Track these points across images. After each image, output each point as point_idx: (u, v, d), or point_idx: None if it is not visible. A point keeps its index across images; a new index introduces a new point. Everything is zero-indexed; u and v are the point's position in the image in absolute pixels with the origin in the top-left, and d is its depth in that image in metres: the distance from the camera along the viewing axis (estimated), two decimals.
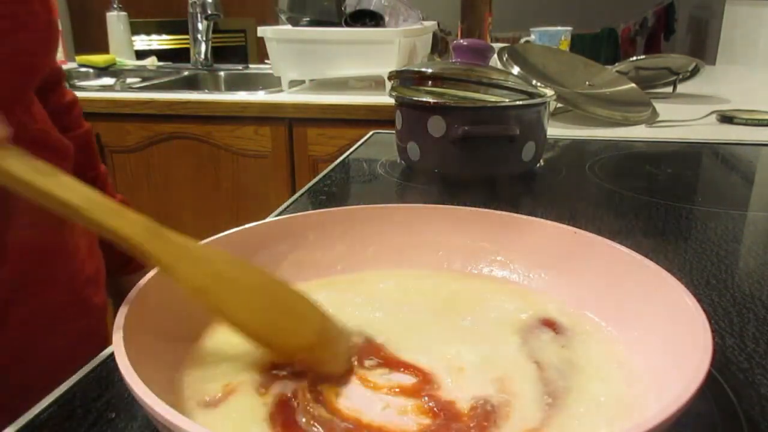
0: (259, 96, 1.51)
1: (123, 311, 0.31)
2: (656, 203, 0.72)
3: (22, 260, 0.54)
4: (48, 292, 0.58)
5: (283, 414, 0.30)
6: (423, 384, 0.33)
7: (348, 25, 1.54)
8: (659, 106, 1.22)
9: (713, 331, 0.30)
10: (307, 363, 0.33)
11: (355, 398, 0.32)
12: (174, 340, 0.35)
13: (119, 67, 1.95)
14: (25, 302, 0.55)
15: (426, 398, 0.32)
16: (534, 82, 0.87)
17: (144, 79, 1.78)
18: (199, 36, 1.91)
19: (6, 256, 0.52)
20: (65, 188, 0.30)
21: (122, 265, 0.75)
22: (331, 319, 0.36)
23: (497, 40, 1.77)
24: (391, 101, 0.82)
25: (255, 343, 0.33)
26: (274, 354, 0.34)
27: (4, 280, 0.52)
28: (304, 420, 0.30)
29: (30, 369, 0.39)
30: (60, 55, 1.70)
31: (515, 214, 0.45)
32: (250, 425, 0.30)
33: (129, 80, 1.75)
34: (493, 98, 0.75)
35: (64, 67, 1.89)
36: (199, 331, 0.38)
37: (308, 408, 0.31)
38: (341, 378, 0.33)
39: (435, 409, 0.31)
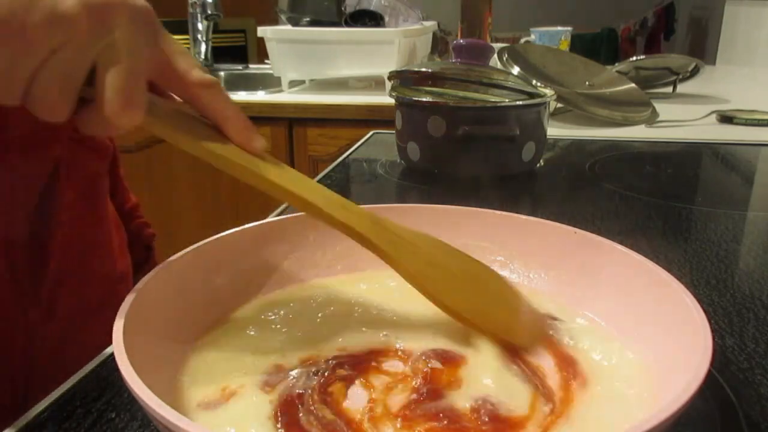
0: (259, 96, 1.51)
1: (123, 311, 0.31)
2: (656, 203, 0.72)
3: (65, 255, 0.55)
4: (87, 287, 0.59)
5: (287, 413, 0.30)
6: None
7: (348, 25, 1.54)
8: (659, 106, 1.22)
9: (713, 331, 0.30)
10: (506, 338, 0.36)
11: (363, 400, 0.32)
12: (174, 340, 0.35)
13: None
14: (69, 296, 0.56)
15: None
16: (534, 82, 0.87)
17: None
18: (199, 36, 1.91)
19: (52, 251, 0.54)
20: (307, 189, 0.35)
21: (139, 265, 0.75)
22: (525, 301, 0.39)
23: (497, 40, 1.77)
24: (391, 101, 0.83)
25: (462, 322, 0.36)
26: (476, 330, 0.36)
27: (51, 274, 0.54)
28: (306, 420, 0.30)
29: (68, 362, 0.41)
30: None
31: (515, 214, 0.45)
32: (253, 423, 0.30)
33: None
34: (493, 98, 0.75)
35: None
36: (199, 331, 0.38)
37: (312, 408, 0.31)
38: (353, 379, 0.33)
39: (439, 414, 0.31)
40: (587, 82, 1.21)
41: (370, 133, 1.08)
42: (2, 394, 0.49)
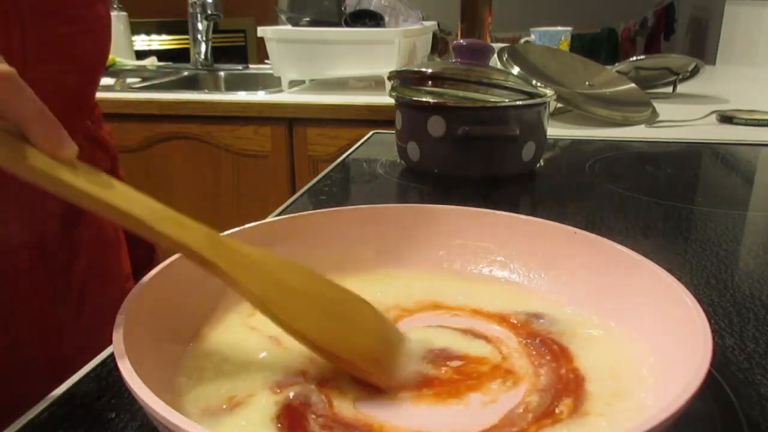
0: (259, 96, 1.51)
1: (123, 311, 0.31)
2: (656, 203, 0.72)
3: (91, 254, 0.56)
4: (108, 285, 0.60)
5: (291, 417, 0.30)
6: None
7: (348, 25, 1.54)
8: (659, 106, 1.22)
9: (713, 331, 0.30)
10: (366, 373, 0.32)
11: (372, 406, 0.31)
12: (174, 340, 0.35)
13: (119, 67, 1.94)
14: (95, 294, 0.57)
15: None
16: (534, 82, 0.87)
17: (144, 79, 1.78)
18: (199, 36, 1.91)
19: (81, 248, 0.55)
20: (127, 199, 0.30)
21: (141, 266, 0.76)
22: (393, 328, 0.35)
23: (497, 40, 1.77)
24: (391, 101, 0.82)
25: (315, 352, 0.32)
26: (337, 364, 0.33)
27: (82, 270, 0.55)
28: (313, 421, 0.30)
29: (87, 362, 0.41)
30: None
31: (515, 214, 0.45)
32: (255, 425, 0.30)
33: (129, 80, 1.75)
34: (493, 98, 0.75)
35: None
36: (199, 331, 0.38)
37: (319, 412, 0.30)
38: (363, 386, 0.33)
39: None
40: (587, 82, 1.21)
41: (370, 133, 1.08)
42: (32, 393, 0.49)
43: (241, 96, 1.51)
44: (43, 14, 0.48)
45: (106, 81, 1.76)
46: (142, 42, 2.90)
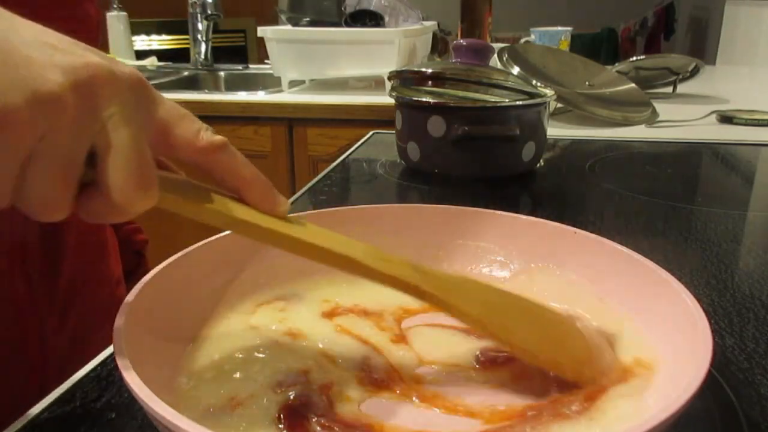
0: (259, 96, 1.51)
1: (123, 311, 0.31)
2: (656, 203, 0.72)
3: (77, 258, 0.56)
4: (95, 290, 0.60)
5: (291, 417, 0.30)
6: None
7: (348, 25, 1.54)
8: (659, 106, 1.22)
9: (713, 331, 0.30)
10: (580, 377, 0.33)
11: (374, 406, 0.32)
12: (174, 340, 0.35)
13: None
14: (81, 299, 0.57)
15: None
16: (534, 82, 0.87)
17: None
18: (199, 36, 1.91)
19: (65, 254, 0.54)
20: (339, 243, 0.32)
21: (129, 272, 0.76)
22: (589, 336, 0.36)
23: (497, 40, 1.77)
24: (391, 101, 0.82)
25: (534, 361, 0.33)
26: (557, 370, 0.33)
27: (65, 278, 0.54)
28: (314, 422, 0.30)
29: (78, 366, 0.41)
30: None
31: (515, 214, 0.45)
32: (256, 425, 0.30)
33: None
34: (493, 98, 0.75)
35: None
36: (200, 331, 0.38)
37: (320, 413, 0.30)
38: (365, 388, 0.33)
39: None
40: (587, 82, 1.21)
41: (370, 133, 1.08)
42: (17, 399, 0.49)
43: (241, 96, 1.51)
44: (31, 13, 0.48)
45: None
46: (142, 42, 2.90)
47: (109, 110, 0.25)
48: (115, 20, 2.07)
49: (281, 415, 0.30)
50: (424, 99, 0.77)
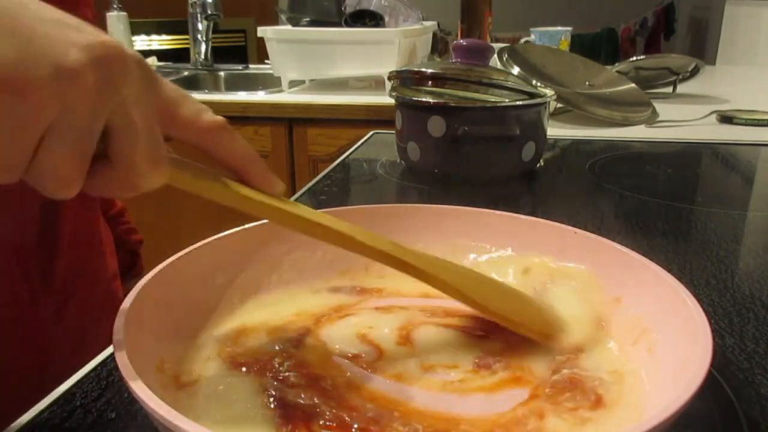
0: (259, 96, 1.51)
1: (123, 311, 0.31)
2: (656, 203, 0.72)
3: (72, 254, 0.56)
4: (92, 286, 0.60)
5: (293, 415, 0.30)
6: None
7: (348, 25, 1.54)
8: (659, 106, 1.22)
9: (713, 331, 0.30)
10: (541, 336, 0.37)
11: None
12: (174, 340, 0.35)
13: None
14: (78, 295, 0.57)
15: None
16: (534, 82, 0.87)
17: None
18: (199, 36, 1.91)
19: (61, 248, 0.55)
20: (327, 219, 0.34)
21: (123, 271, 0.76)
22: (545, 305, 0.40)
23: (497, 40, 1.77)
24: (391, 101, 0.82)
25: (507, 324, 0.37)
26: (521, 330, 0.37)
27: (61, 272, 0.55)
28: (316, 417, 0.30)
29: (77, 362, 0.41)
30: None
31: (515, 214, 0.45)
32: (256, 422, 0.30)
33: None
34: (493, 98, 0.75)
35: None
36: (200, 331, 0.38)
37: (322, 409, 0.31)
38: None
39: None
40: (587, 82, 1.21)
41: (370, 133, 1.08)
42: (19, 392, 0.49)
43: (241, 96, 1.51)
44: None
45: None
46: (142, 42, 2.90)
47: (125, 88, 0.26)
48: (115, 20, 2.06)
49: (281, 413, 0.30)
50: (424, 99, 0.77)
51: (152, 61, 2.05)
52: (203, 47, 1.92)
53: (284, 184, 0.34)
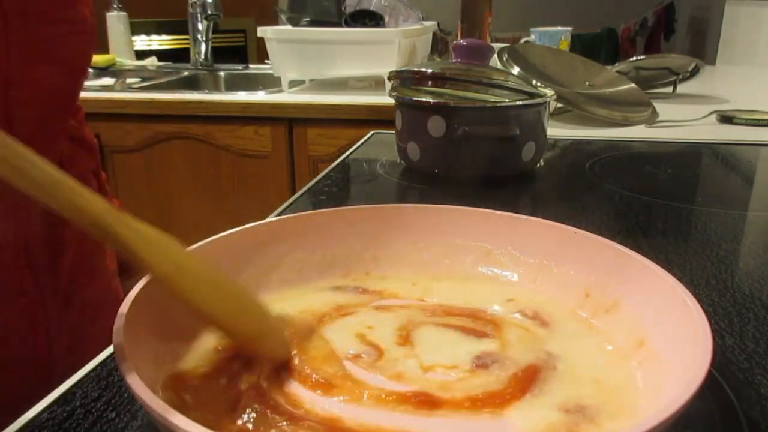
0: (259, 96, 1.51)
1: (123, 311, 0.31)
2: (656, 203, 0.72)
3: (78, 250, 0.57)
4: (94, 282, 0.62)
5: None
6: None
7: (348, 25, 1.54)
8: (659, 106, 1.22)
9: (713, 331, 0.30)
10: (255, 350, 0.35)
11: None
12: (174, 340, 0.35)
13: (119, 67, 1.95)
14: (81, 292, 0.59)
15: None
16: (534, 82, 0.87)
17: (144, 79, 1.78)
18: (199, 36, 1.91)
19: (67, 245, 0.56)
20: (32, 164, 0.28)
21: (124, 270, 0.76)
22: (269, 310, 0.37)
23: (497, 40, 1.77)
24: (391, 101, 0.82)
25: (215, 328, 0.35)
26: (232, 339, 0.35)
27: (66, 267, 0.56)
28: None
29: (79, 358, 0.41)
30: None
31: (515, 214, 0.45)
32: (257, 423, 0.30)
33: (129, 80, 1.75)
34: (493, 98, 0.75)
35: None
36: (200, 331, 0.38)
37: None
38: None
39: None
40: (587, 82, 1.21)
41: (370, 133, 1.08)
42: (28, 384, 0.50)
43: (241, 96, 1.51)
44: (27, 15, 0.48)
45: (106, 81, 1.77)
46: (142, 42, 2.90)
47: None
48: (115, 20, 2.07)
49: (281, 412, 0.30)
50: (424, 99, 0.77)
51: (152, 61, 2.05)
52: (203, 47, 1.92)
53: None
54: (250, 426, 0.30)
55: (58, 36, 0.51)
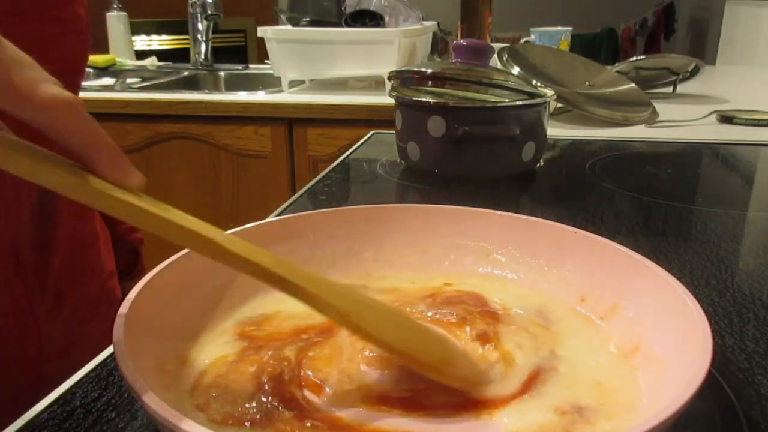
0: (259, 96, 1.51)
1: (123, 311, 0.31)
2: (656, 203, 0.72)
3: (68, 251, 0.56)
4: (88, 283, 0.61)
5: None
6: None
7: (348, 25, 1.54)
8: (659, 106, 1.22)
9: (713, 331, 0.30)
10: (449, 377, 0.33)
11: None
12: (174, 340, 0.35)
13: (119, 67, 1.95)
14: (73, 292, 0.58)
15: None
16: (534, 82, 0.87)
17: (144, 79, 1.78)
18: (199, 36, 1.91)
19: (56, 248, 0.55)
20: (199, 224, 0.30)
21: (124, 271, 0.76)
22: (450, 341, 0.36)
23: (497, 40, 1.77)
24: (391, 101, 0.82)
25: (405, 361, 0.33)
26: (418, 368, 0.33)
27: (56, 270, 0.55)
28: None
29: (73, 359, 0.41)
30: None
31: (515, 214, 0.45)
32: (255, 423, 0.30)
33: (129, 80, 1.75)
34: (493, 98, 0.75)
35: None
36: (199, 331, 0.38)
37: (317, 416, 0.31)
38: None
39: None
40: (587, 82, 1.21)
41: (370, 133, 1.08)
42: (17, 387, 0.50)
43: (241, 96, 1.51)
44: (21, 15, 0.48)
45: (106, 81, 1.76)
46: (142, 42, 2.90)
47: None
48: (115, 20, 2.07)
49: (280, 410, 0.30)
50: (424, 99, 0.77)
51: (152, 61, 2.05)
52: (203, 47, 1.92)
53: (143, 177, 0.29)
54: (258, 416, 0.30)
55: (53, 36, 0.51)
